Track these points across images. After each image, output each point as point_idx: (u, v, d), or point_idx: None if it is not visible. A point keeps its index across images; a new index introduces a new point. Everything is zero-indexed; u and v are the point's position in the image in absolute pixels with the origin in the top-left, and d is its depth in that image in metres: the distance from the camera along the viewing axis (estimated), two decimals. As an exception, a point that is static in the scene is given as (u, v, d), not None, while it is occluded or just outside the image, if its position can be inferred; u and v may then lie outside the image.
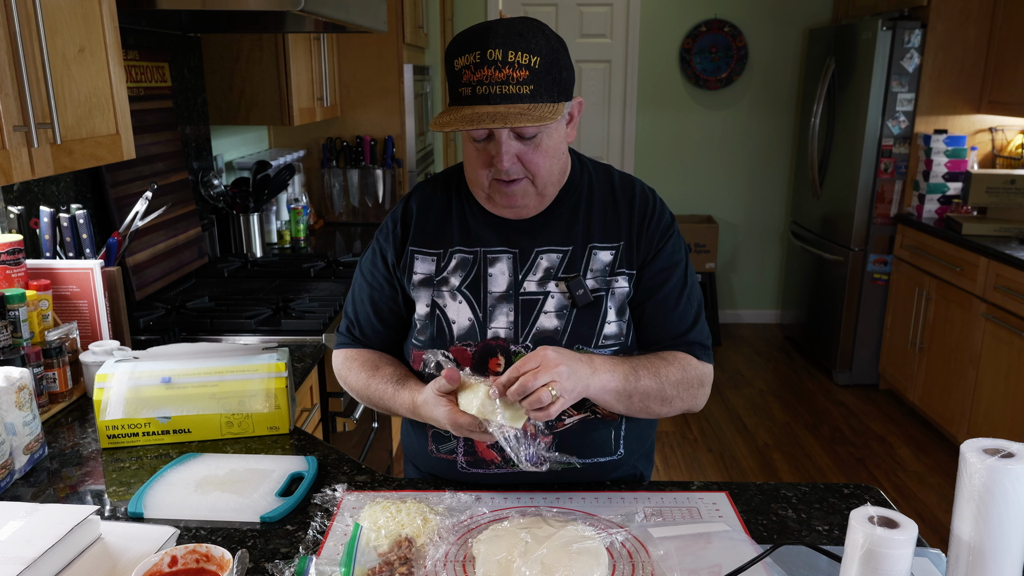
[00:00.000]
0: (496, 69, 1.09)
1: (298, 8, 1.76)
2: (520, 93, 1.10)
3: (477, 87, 1.10)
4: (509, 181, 1.18)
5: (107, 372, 1.43)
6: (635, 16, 4.74)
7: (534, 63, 1.09)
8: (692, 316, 1.28)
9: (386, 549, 1.06)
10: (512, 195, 1.20)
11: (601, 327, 1.23)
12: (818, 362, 4.51)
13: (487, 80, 1.09)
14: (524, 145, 1.16)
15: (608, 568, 1.01)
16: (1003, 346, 3.07)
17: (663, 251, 1.27)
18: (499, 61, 1.08)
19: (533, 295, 1.24)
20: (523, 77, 1.09)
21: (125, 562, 1.01)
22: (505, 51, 1.08)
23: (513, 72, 1.09)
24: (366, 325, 1.35)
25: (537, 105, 1.11)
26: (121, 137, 1.60)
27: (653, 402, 1.21)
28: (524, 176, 1.18)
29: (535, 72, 1.10)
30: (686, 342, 1.27)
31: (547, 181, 1.20)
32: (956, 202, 3.71)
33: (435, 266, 1.27)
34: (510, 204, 1.22)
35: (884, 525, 0.84)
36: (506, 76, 1.09)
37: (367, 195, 3.67)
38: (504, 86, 1.09)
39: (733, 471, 3.33)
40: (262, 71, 2.86)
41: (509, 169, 1.16)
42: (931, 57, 3.70)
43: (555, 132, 1.18)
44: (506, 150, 1.14)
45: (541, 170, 1.18)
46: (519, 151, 1.16)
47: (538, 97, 1.11)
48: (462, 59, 1.11)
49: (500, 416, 1.07)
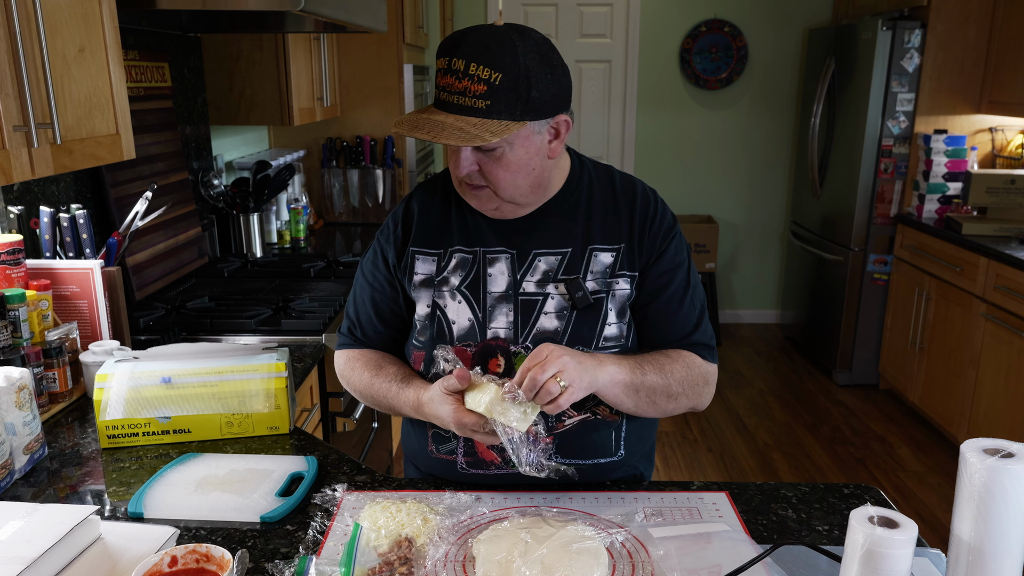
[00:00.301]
0: (457, 79, 1.10)
1: (298, 8, 1.76)
2: (475, 107, 1.10)
3: (441, 92, 1.12)
4: (473, 186, 1.20)
5: (107, 372, 1.43)
6: (635, 16, 4.74)
7: (495, 79, 1.09)
8: (696, 317, 1.29)
9: (386, 549, 1.06)
10: (478, 199, 1.22)
11: (601, 329, 1.23)
12: (818, 362, 4.51)
13: (448, 88, 1.11)
14: (484, 156, 1.16)
15: (608, 568, 1.01)
16: (1003, 346, 3.07)
17: (666, 253, 1.27)
18: (460, 72, 1.09)
19: (532, 296, 1.24)
20: (480, 91, 1.09)
21: (125, 562, 1.01)
22: (467, 63, 1.09)
23: (471, 85, 1.09)
24: (367, 326, 1.35)
25: (487, 121, 1.10)
26: (121, 137, 1.60)
27: (660, 398, 1.22)
28: (486, 185, 1.19)
29: (494, 88, 1.09)
30: (691, 343, 1.28)
31: (512, 193, 1.20)
32: (956, 202, 3.71)
33: (436, 266, 1.27)
34: (479, 206, 1.24)
35: (884, 525, 0.84)
36: (464, 88, 1.10)
37: (367, 195, 3.67)
38: (461, 97, 1.10)
39: (733, 471, 3.33)
40: (262, 71, 2.86)
41: (468, 175, 1.18)
42: (931, 57, 3.70)
43: (520, 147, 1.16)
44: (464, 156, 1.16)
45: (501, 182, 1.18)
46: (480, 160, 1.17)
47: (493, 113, 1.10)
48: (438, 61, 1.13)
49: (507, 417, 1.07)
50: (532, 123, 1.14)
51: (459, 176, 1.18)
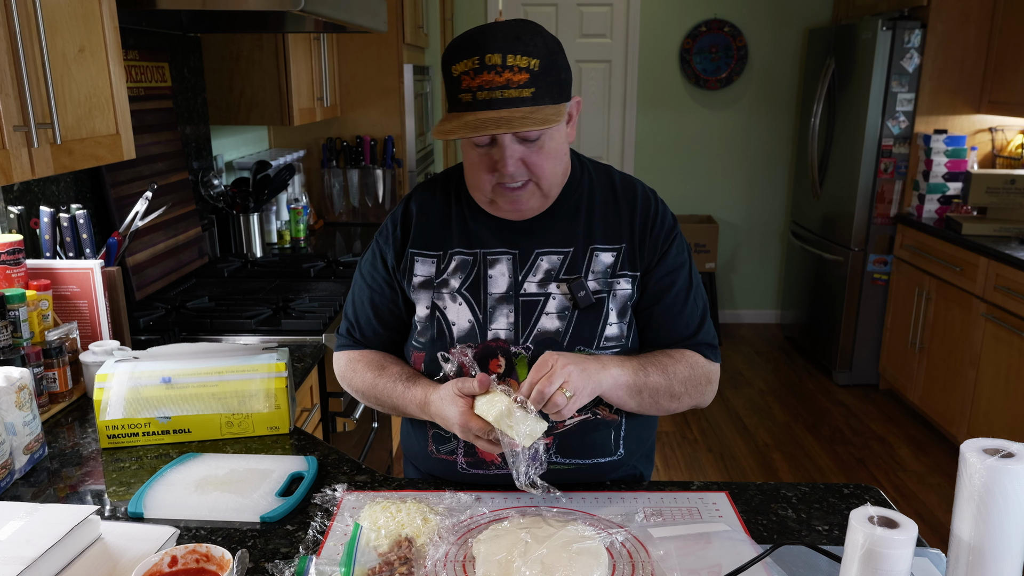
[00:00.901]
0: (496, 73, 1.08)
1: (298, 8, 1.76)
2: (521, 96, 1.09)
3: (478, 92, 1.09)
4: (514, 186, 1.17)
5: (107, 372, 1.43)
6: (635, 16, 4.74)
7: (533, 65, 1.09)
8: (699, 317, 1.29)
9: (386, 549, 1.06)
10: (517, 199, 1.19)
11: (602, 329, 1.23)
12: (818, 362, 4.51)
13: (487, 85, 1.09)
14: (527, 148, 1.15)
15: (608, 568, 1.01)
16: (1003, 346, 3.07)
17: (667, 255, 1.27)
18: (498, 65, 1.08)
19: (534, 296, 1.24)
20: (523, 80, 1.09)
21: (125, 562, 1.01)
22: (504, 55, 1.08)
23: (513, 76, 1.08)
24: (367, 327, 1.35)
25: (539, 107, 1.10)
26: (121, 137, 1.60)
27: (663, 398, 1.22)
28: (529, 179, 1.18)
29: (535, 75, 1.09)
30: (694, 344, 1.28)
31: (551, 182, 1.20)
32: (956, 202, 3.71)
33: (435, 268, 1.27)
34: (515, 208, 1.21)
35: (884, 525, 0.84)
36: (506, 80, 1.08)
37: (367, 195, 3.67)
38: (505, 90, 1.08)
39: (733, 471, 3.33)
40: (262, 71, 2.86)
41: (514, 173, 1.15)
42: (931, 57, 3.70)
43: (557, 133, 1.17)
44: (510, 154, 1.14)
45: (545, 172, 1.17)
46: (523, 154, 1.15)
47: (539, 99, 1.10)
48: (460, 65, 1.10)
49: (515, 431, 1.08)
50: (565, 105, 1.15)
51: (507, 173, 1.15)
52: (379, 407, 1.33)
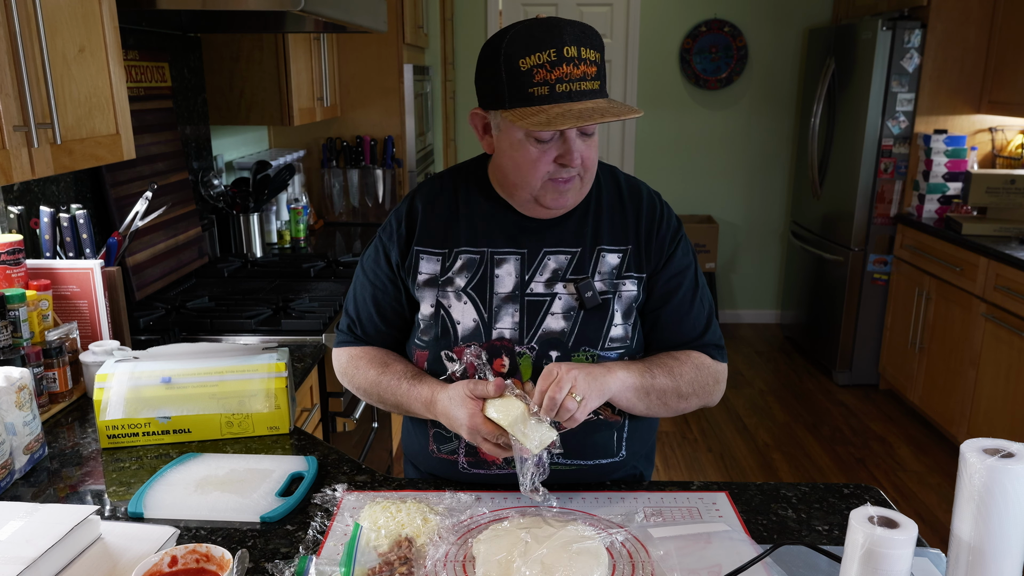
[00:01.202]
0: (574, 66, 1.09)
1: (298, 8, 1.76)
2: (594, 89, 1.11)
3: (556, 85, 1.09)
4: (566, 180, 1.19)
5: (107, 372, 1.43)
6: (635, 16, 4.74)
7: (597, 58, 1.12)
8: (705, 319, 1.30)
9: (386, 549, 1.06)
10: (566, 194, 1.20)
11: (607, 329, 1.23)
12: (818, 362, 4.51)
13: (566, 78, 1.09)
14: (584, 142, 1.17)
15: (608, 568, 1.01)
16: (1003, 346, 3.07)
17: (673, 257, 1.28)
18: (576, 58, 1.09)
19: (540, 296, 1.24)
20: (593, 73, 1.11)
21: (125, 562, 1.01)
22: (579, 47, 1.09)
23: (587, 68, 1.10)
24: (368, 324, 1.34)
25: (611, 100, 1.13)
26: (121, 137, 1.60)
27: (671, 399, 1.23)
28: (577, 173, 1.19)
29: (599, 67, 1.12)
30: (700, 345, 1.29)
31: (592, 175, 1.22)
32: (956, 202, 3.71)
33: (440, 266, 1.27)
34: (561, 203, 1.22)
35: (884, 525, 0.84)
36: (583, 73, 1.10)
37: (367, 195, 3.67)
38: (582, 83, 1.10)
39: (733, 471, 3.33)
40: (262, 71, 2.86)
41: (570, 166, 1.17)
42: (931, 57, 3.70)
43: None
44: (577, 148, 1.16)
45: (591, 165, 1.20)
46: (580, 148, 1.17)
47: (603, 91, 1.13)
48: (532, 58, 1.10)
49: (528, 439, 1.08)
50: None
51: (573, 166, 1.16)
52: (381, 405, 1.32)
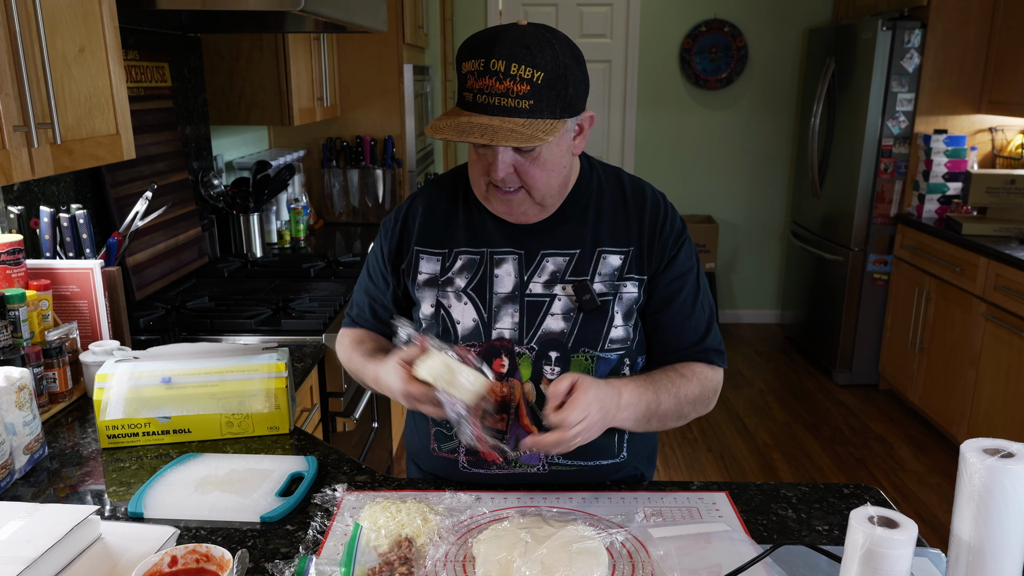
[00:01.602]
0: (497, 80, 1.07)
1: (298, 8, 1.76)
2: (518, 107, 1.08)
3: (478, 95, 1.09)
4: (504, 191, 1.18)
5: (107, 372, 1.43)
6: (635, 16, 4.74)
7: (537, 78, 1.07)
8: (706, 322, 1.29)
9: (386, 549, 1.06)
10: (508, 203, 1.20)
11: (607, 331, 1.23)
12: (818, 362, 4.51)
13: (487, 90, 1.08)
14: (522, 157, 1.14)
15: (608, 568, 1.01)
16: (1003, 346, 3.07)
17: (676, 259, 1.27)
18: (501, 72, 1.06)
19: (539, 297, 1.24)
20: (523, 91, 1.07)
21: (125, 562, 1.01)
22: (508, 63, 1.06)
23: (514, 85, 1.07)
24: (360, 313, 1.41)
25: (534, 121, 1.09)
26: (121, 137, 1.60)
27: (670, 420, 1.24)
28: (520, 187, 1.17)
29: (537, 87, 1.07)
30: (702, 350, 1.28)
31: (544, 193, 1.19)
32: (956, 202, 3.71)
33: (440, 266, 1.27)
34: (507, 212, 1.22)
35: (884, 525, 0.84)
36: (506, 89, 1.07)
37: (367, 195, 3.67)
38: (503, 98, 1.07)
39: (733, 471, 3.33)
40: (262, 71, 2.86)
41: (505, 179, 1.15)
42: (931, 57, 3.70)
43: (555, 146, 1.16)
44: (502, 160, 1.13)
45: (538, 183, 1.17)
46: (516, 162, 1.14)
47: (537, 113, 1.09)
48: (468, 64, 1.10)
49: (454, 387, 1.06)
50: (568, 120, 1.13)
51: (496, 179, 1.15)
52: (361, 383, 1.38)
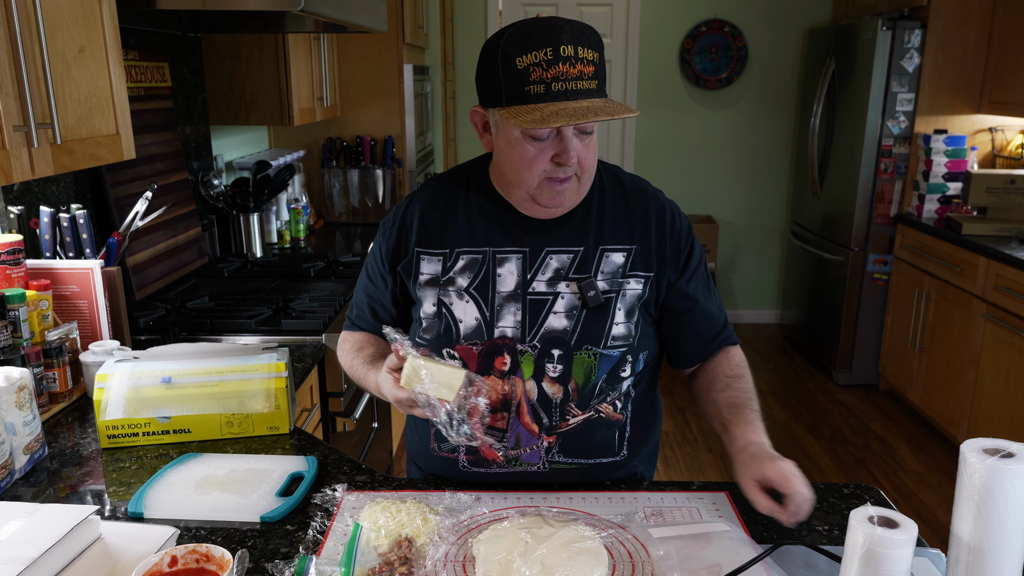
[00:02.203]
0: (570, 65, 1.09)
1: (298, 8, 1.76)
2: (591, 88, 1.11)
3: (552, 84, 1.09)
4: (563, 179, 1.18)
5: (107, 372, 1.43)
6: (635, 16, 4.74)
7: (595, 58, 1.11)
8: (718, 306, 1.36)
9: (386, 549, 1.06)
10: (562, 193, 1.20)
11: (609, 328, 1.23)
12: (818, 362, 4.51)
13: (562, 76, 1.09)
14: (582, 142, 1.16)
15: (608, 568, 1.01)
16: (1003, 346, 3.07)
17: (691, 260, 1.30)
18: (572, 57, 1.09)
19: (542, 295, 1.24)
20: (591, 72, 1.11)
21: (125, 562, 1.01)
22: (576, 47, 1.09)
23: (584, 68, 1.10)
24: (360, 314, 1.41)
25: (608, 99, 1.13)
26: (121, 137, 1.60)
27: None
28: (574, 173, 1.19)
29: (597, 67, 1.12)
30: (725, 337, 1.36)
31: (591, 176, 1.22)
32: (956, 202, 3.71)
33: (441, 266, 1.27)
34: (558, 203, 1.21)
35: (884, 525, 0.84)
36: (579, 72, 1.10)
37: (367, 195, 3.67)
38: (579, 82, 1.10)
39: (733, 471, 3.32)
40: (262, 71, 2.86)
41: (567, 166, 1.16)
42: (931, 57, 3.70)
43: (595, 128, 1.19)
44: (573, 147, 1.15)
45: (590, 165, 1.20)
46: (577, 148, 1.16)
47: (602, 91, 1.13)
48: (528, 56, 1.10)
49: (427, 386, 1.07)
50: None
51: (571, 164, 1.16)
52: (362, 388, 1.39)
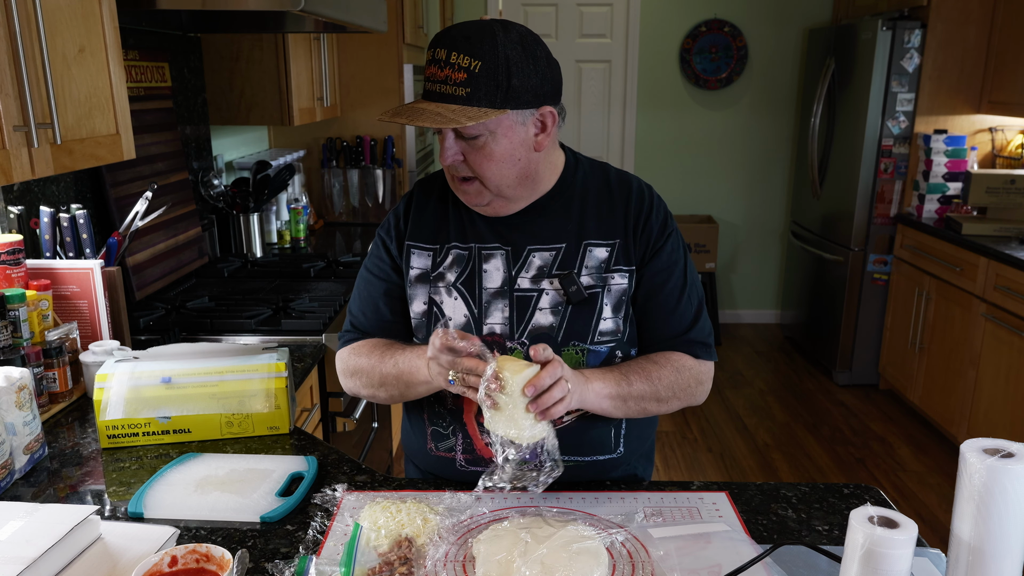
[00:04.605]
0: (439, 67, 1.13)
1: (298, 8, 1.76)
2: (455, 94, 1.13)
3: (427, 83, 1.15)
4: (461, 179, 1.21)
5: (107, 372, 1.43)
6: (635, 16, 4.74)
7: (474, 67, 1.11)
8: (692, 315, 1.29)
9: (386, 549, 1.06)
10: (466, 193, 1.23)
11: (596, 323, 1.23)
12: (818, 362, 4.51)
13: (432, 78, 1.15)
14: (468, 146, 1.18)
15: (608, 568, 1.01)
16: (1003, 346, 3.07)
17: (662, 251, 1.27)
18: (442, 60, 1.13)
19: (527, 292, 1.24)
20: (460, 79, 1.12)
21: (125, 562, 1.01)
22: (448, 52, 1.12)
23: (452, 73, 1.12)
24: (373, 317, 1.33)
25: (467, 108, 1.12)
26: (121, 137, 1.60)
27: (649, 403, 1.23)
28: (473, 176, 1.20)
29: (473, 76, 1.12)
30: (686, 341, 1.28)
31: (498, 184, 1.20)
32: (956, 202, 3.71)
33: (431, 261, 1.28)
34: (467, 202, 1.25)
35: (884, 525, 0.84)
36: (445, 76, 1.13)
37: (367, 195, 3.67)
38: (443, 85, 1.13)
39: (733, 471, 3.33)
40: (262, 71, 2.86)
41: (453, 165, 1.20)
42: (931, 57, 3.70)
43: (503, 137, 1.16)
44: (448, 146, 1.18)
45: (487, 173, 1.19)
46: (464, 150, 1.18)
47: (473, 100, 1.12)
48: (427, 53, 1.16)
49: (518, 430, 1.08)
50: (514, 113, 1.15)
51: (445, 164, 1.20)
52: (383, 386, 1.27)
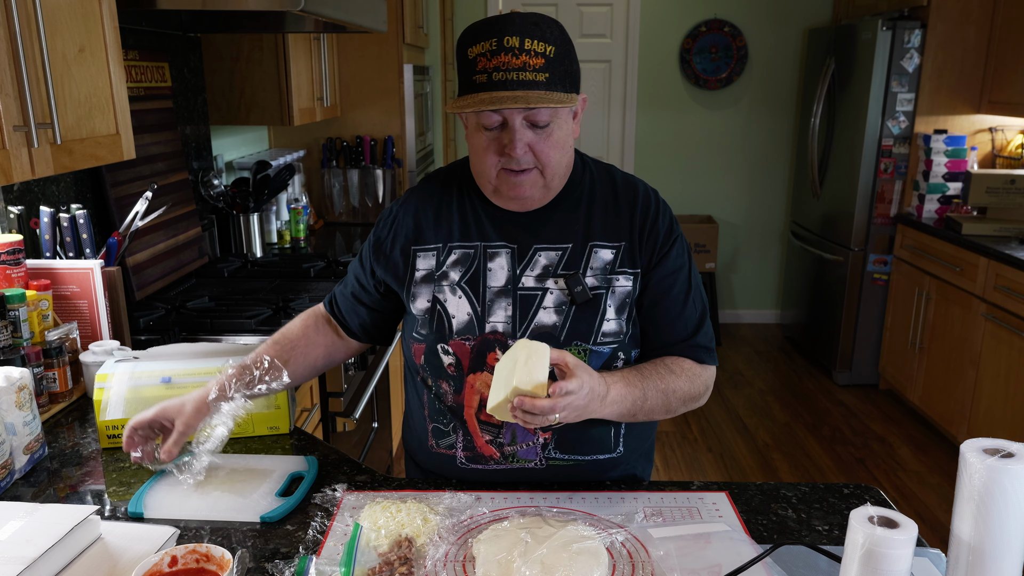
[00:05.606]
0: (513, 56, 1.11)
1: (298, 8, 1.76)
2: (536, 80, 1.12)
3: (493, 74, 1.11)
4: (519, 171, 1.18)
5: (107, 372, 1.43)
6: (635, 16, 4.74)
7: (549, 52, 1.12)
8: (696, 320, 1.29)
9: (386, 549, 1.06)
10: (520, 185, 1.20)
11: (599, 324, 1.23)
12: (818, 362, 4.51)
13: (504, 67, 1.11)
14: (536, 134, 1.17)
15: (608, 568, 1.01)
16: (1003, 346, 3.07)
17: (668, 256, 1.27)
18: (516, 48, 1.10)
19: (531, 291, 1.24)
20: (539, 64, 1.11)
21: (125, 562, 1.01)
22: (522, 39, 1.11)
23: (529, 59, 1.11)
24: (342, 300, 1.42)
25: (551, 93, 1.13)
26: (121, 137, 1.60)
27: (656, 414, 1.24)
28: (534, 166, 1.19)
29: (550, 60, 1.12)
30: (691, 346, 1.28)
31: (555, 172, 1.21)
32: (956, 202, 3.71)
33: (435, 261, 1.28)
34: (518, 195, 1.22)
35: (884, 525, 0.84)
36: (523, 63, 1.11)
37: (367, 195, 3.67)
38: (521, 72, 1.11)
39: (733, 471, 3.33)
40: (262, 71, 2.86)
41: (521, 158, 1.16)
42: (931, 57, 3.70)
43: (564, 124, 1.19)
44: (519, 137, 1.15)
45: (551, 160, 1.19)
46: (531, 140, 1.17)
47: (553, 85, 1.13)
48: (477, 47, 1.12)
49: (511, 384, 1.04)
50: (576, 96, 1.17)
51: (515, 155, 1.16)
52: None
